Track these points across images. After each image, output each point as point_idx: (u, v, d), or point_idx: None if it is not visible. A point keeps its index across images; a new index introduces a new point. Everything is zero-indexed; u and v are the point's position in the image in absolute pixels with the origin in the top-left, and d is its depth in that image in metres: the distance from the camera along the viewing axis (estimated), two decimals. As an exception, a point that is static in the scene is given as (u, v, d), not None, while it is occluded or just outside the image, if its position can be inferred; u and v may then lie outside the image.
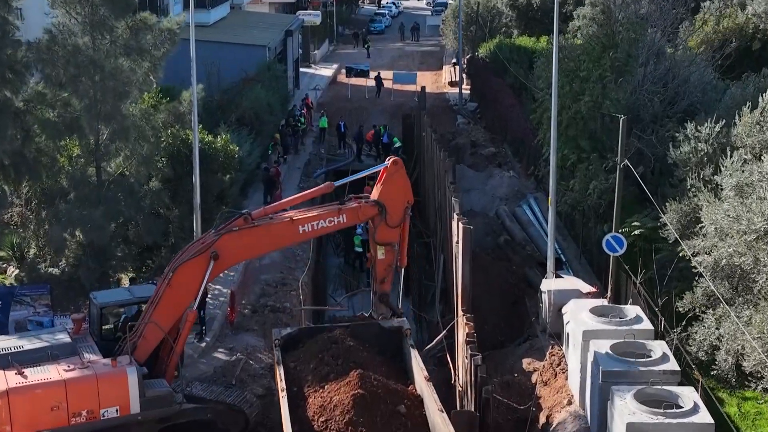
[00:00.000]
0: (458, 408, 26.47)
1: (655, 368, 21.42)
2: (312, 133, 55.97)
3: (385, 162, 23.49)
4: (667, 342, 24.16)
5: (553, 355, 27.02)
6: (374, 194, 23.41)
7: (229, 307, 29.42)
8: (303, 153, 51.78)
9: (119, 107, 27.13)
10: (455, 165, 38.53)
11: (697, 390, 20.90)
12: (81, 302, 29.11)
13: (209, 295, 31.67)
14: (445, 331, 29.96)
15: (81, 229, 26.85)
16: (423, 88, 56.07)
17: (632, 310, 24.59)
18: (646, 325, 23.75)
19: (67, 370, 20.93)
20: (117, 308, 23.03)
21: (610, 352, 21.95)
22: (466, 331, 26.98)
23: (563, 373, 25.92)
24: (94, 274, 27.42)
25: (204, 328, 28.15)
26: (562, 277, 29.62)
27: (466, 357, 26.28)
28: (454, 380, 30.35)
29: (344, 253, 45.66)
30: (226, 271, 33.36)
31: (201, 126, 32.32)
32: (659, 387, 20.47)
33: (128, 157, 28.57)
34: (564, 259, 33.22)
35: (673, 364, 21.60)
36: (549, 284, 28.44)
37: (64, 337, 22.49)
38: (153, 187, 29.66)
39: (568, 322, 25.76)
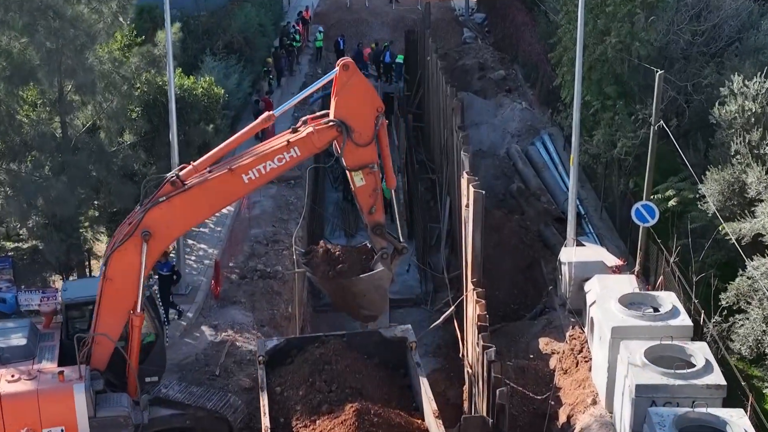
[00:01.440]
0: (468, 407, 23.84)
1: (698, 382, 18.62)
2: (308, 51, 52.23)
3: (334, 69, 18.76)
4: (704, 333, 21.40)
5: (574, 338, 24.27)
6: (331, 112, 18.82)
7: (213, 278, 26.49)
8: (298, 74, 48.18)
9: (83, 59, 23.66)
10: (463, 103, 34.95)
11: (745, 411, 18.14)
12: (49, 275, 26.32)
13: (193, 257, 28.87)
14: (451, 310, 27.14)
15: (44, 200, 23.69)
16: (428, 4, 51.83)
17: (667, 299, 21.62)
18: (684, 320, 20.84)
19: (9, 381, 18.30)
20: (86, 306, 20.00)
21: (644, 359, 19.09)
22: (477, 312, 24.10)
23: (586, 362, 23.19)
24: (60, 248, 24.45)
25: (179, 308, 25.26)
26: (583, 245, 26.60)
27: (477, 345, 23.51)
28: (463, 354, 27.74)
29: (343, 187, 42.55)
30: (212, 226, 30.85)
31: (179, 69, 28.89)
32: (704, 411, 17.69)
33: (96, 111, 25.29)
34: (584, 213, 30.13)
35: (717, 377, 18.77)
36: (569, 254, 25.50)
37: (21, 335, 19.71)
38: (126, 142, 26.49)
39: (593, 303, 22.92)
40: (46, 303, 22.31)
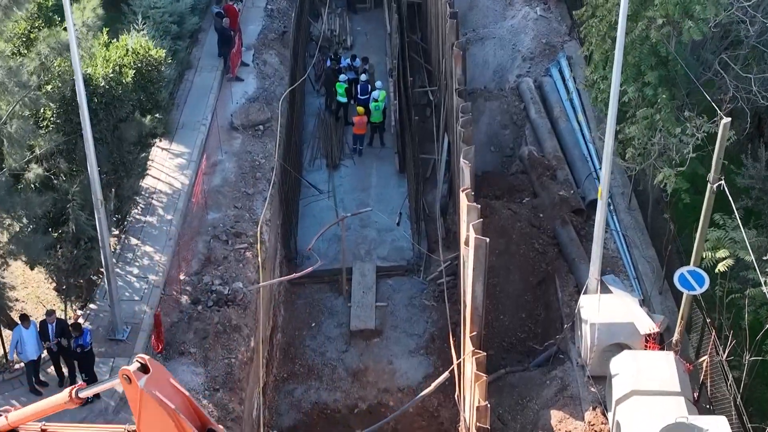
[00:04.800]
0: None
1: None
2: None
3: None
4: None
5: (594, 427, 19.82)
6: None
7: (153, 334, 21.64)
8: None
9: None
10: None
11: None
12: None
13: (135, 270, 23.93)
14: (444, 376, 22.53)
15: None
16: None
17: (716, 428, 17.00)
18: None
19: None
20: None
21: None
22: (477, 392, 19.49)
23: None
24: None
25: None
26: (609, 289, 21.60)
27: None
28: (458, 396, 23.45)
29: (325, 92, 36.77)
30: (161, 213, 25.77)
31: (103, 45, 22.77)
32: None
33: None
34: (610, 201, 24.82)
35: None
36: (591, 307, 20.59)
37: None
38: (39, 147, 21.02)
39: (621, 398, 18.38)
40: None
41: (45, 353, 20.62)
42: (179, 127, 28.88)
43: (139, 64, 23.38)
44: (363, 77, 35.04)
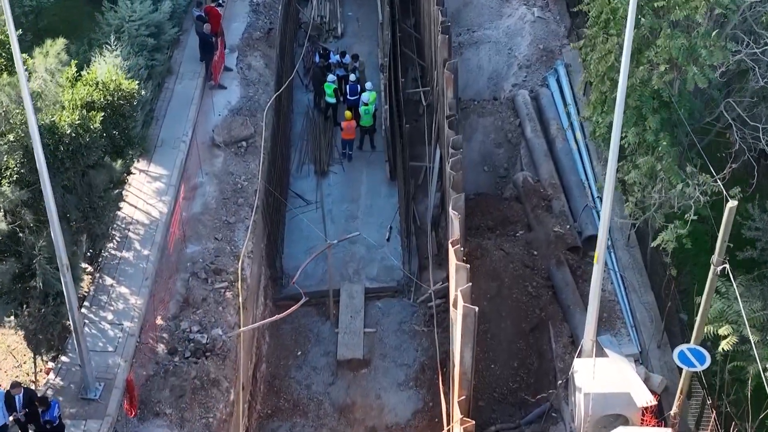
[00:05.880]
0: None
1: None
2: None
3: None
4: None
5: (588, 505, 18.95)
6: None
7: (126, 399, 20.61)
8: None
9: None
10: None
11: None
12: None
13: (110, 316, 22.87)
14: None
15: None
16: None
17: None
18: None
19: None
20: None
21: None
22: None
23: None
24: None
25: None
26: (604, 352, 20.55)
27: None
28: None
29: (314, 88, 35.31)
30: (138, 248, 24.61)
31: (70, 83, 21.40)
32: None
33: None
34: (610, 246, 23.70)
35: None
36: (586, 373, 19.57)
37: None
38: (3, 199, 19.84)
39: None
40: None
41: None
42: (158, 145, 27.57)
43: (110, 98, 22.01)
44: (352, 77, 33.57)
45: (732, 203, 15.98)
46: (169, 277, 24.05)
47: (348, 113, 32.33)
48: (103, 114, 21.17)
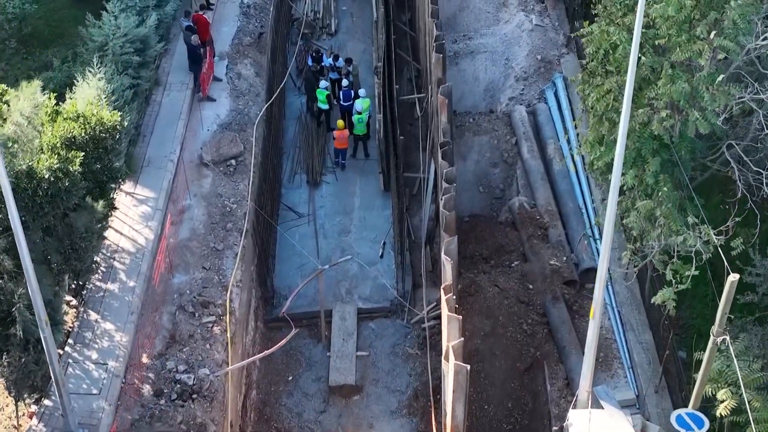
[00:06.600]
0: None
1: None
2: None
3: None
4: None
5: None
6: None
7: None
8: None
9: None
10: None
11: None
12: None
13: (94, 354, 22.33)
14: None
15: None
16: None
17: None
18: None
19: None
20: None
21: None
22: None
23: None
24: None
25: None
26: (601, 403, 20.01)
27: None
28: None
29: (308, 101, 34.45)
30: (124, 279, 24.03)
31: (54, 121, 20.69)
32: None
33: None
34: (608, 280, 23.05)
35: None
36: (580, 426, 19.05)
37: None
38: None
39: None
40: None
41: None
42: (145, 165, 26.85)
43: (91, 132, 21.27)
44: (345, 82, 32.72)
45: (733, 277, 15.34)
46: (155, 309, 23.48)
47: (340, 122, 31.57)
48: (83, 154, 20.42)
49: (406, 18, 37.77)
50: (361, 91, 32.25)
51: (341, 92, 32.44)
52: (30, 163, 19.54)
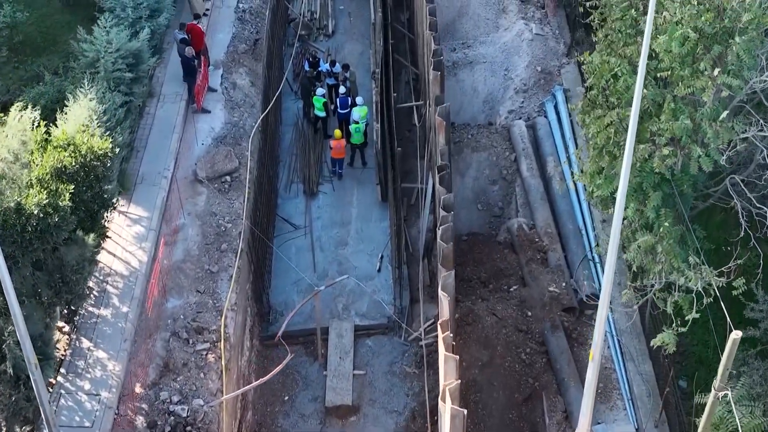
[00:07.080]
0: None
1: None
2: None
3: None
4: None
5: None
6: None
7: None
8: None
9: None
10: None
11: None
12: None
13: (87, 384, 22.06)
14: None
15: None
16: None
17: None
18: None
19: None
20: None
21: None
22: None
23: None
24: None
25: None
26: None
27: None
28: None
29: (304, 107, 33.97)
30: (117, 304, 23.70)
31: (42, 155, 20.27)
32: None
33: None
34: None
35: None
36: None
37: None
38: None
39: None
40: None
41: None
42: (138, 181, 26.45)
43: (82, 160, 20.86)
44: (342, 89, 32.21)
45: (736, 334, 14.98)
46: (148, 336, 23.16)
47: (337, 132, 31.11)
48: (73, 186, 20.02)
49: (405, 18, 37.19)
50: (359, 99, 31.76)
51: (338, 99, 31.97)
52: (18, 200, 19.15)
